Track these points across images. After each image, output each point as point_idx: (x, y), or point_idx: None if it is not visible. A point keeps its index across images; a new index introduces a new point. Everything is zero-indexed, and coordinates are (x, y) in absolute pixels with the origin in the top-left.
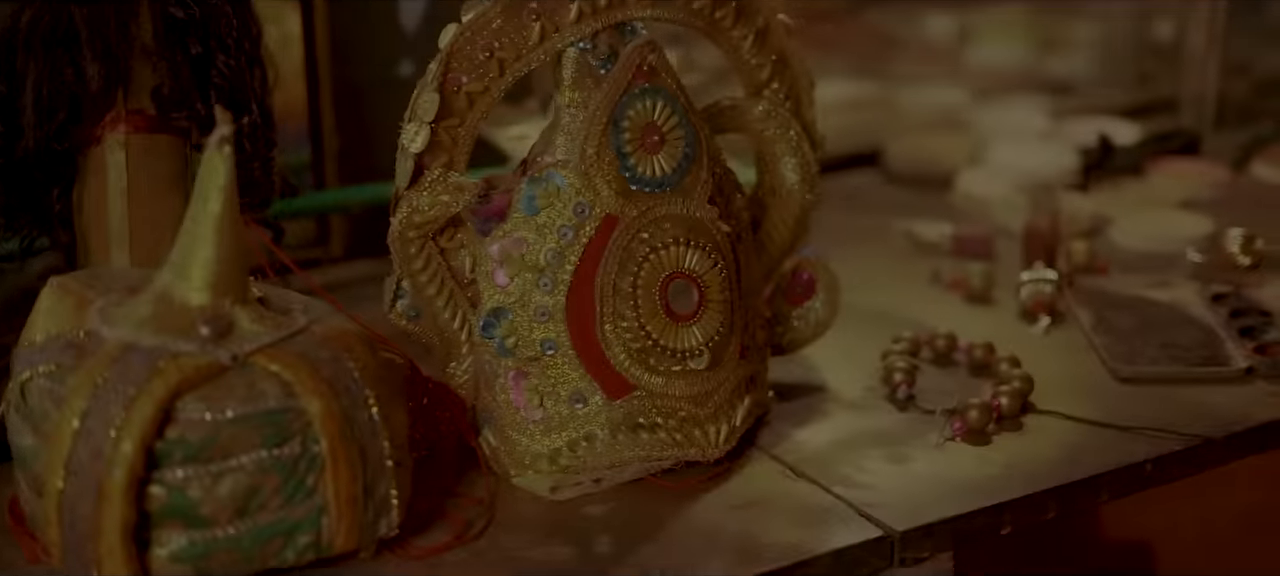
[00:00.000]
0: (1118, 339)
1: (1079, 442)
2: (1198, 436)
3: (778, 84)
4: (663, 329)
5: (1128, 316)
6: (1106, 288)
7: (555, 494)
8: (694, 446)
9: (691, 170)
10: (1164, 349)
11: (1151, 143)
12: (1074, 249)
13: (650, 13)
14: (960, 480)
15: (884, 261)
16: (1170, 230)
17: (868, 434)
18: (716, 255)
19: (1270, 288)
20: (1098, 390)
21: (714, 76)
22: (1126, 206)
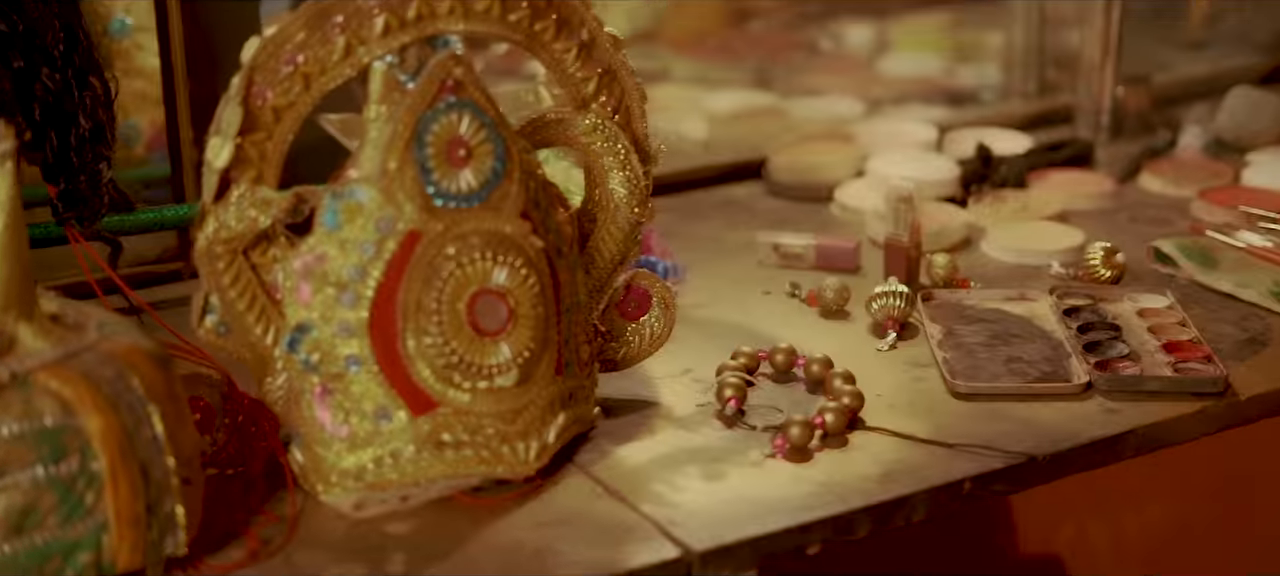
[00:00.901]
0: (963, 354)
1: (901, 460)
2: (1022, 454)
3: (605, 98)
4: (469, 345)
5: (979, 331)
6: (964, 301)
7: (359, 511)
8: (502, 464)
9: (501, 185)
10: (1008, 364)
11: (1039, 153)
12: (935, 262)
13: (463, 26)
14: (772, 498)
15: (747, 274)
16: (1040, 243)
17: (689, 451)
18: (528, 270)
19: (1139, 301)
20: (934, 407)
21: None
22: (1002, 218)
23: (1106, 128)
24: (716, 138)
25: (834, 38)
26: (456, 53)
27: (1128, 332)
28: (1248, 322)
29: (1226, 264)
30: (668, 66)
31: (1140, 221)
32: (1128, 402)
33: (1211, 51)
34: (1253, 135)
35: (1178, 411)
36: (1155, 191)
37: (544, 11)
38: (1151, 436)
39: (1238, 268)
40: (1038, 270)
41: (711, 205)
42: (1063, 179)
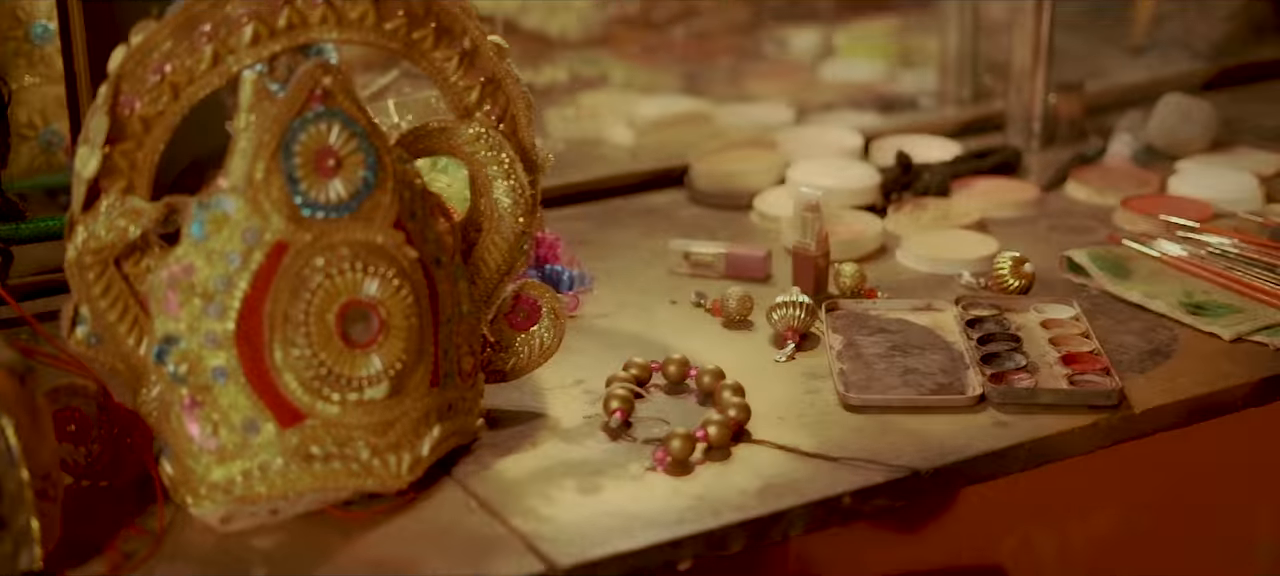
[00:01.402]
0: (860, 366)
1: (783, 474)
2: (906, 469)
3: (490, 106)
4: (338, 357)
5: (880, 342)
6: (870, 312)
7: (227, 525)
8: (372, 477)
9: (372, 195)
10: (905, 376)
11: (964, 161)
12: (842, 272)
13: (336, 35)
14: (646, 513)
15: (656, 283)
16: (953, 252)
17: (570, 464)
18: (401, 281)
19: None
20: (825, 419)
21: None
22: (921, 227)
23: (1038, 135)
24: (643, 144)
25: (779, 43)
26: (328, 61)
27: (1029, 344)
28: (1154, 334)
29: (1140, 274)
30: (607, 71)
31: (1061, 230)
32: (1020, 415)
33: (1151, 57)
34: (1183, 143)
35: (1071, 424)
36: (1080, 200)
37: (422, 20)
38: (1041, 450)
39: (1151, 278)
40: (949, 280)
41: (631, 213)
42: (987, 187)
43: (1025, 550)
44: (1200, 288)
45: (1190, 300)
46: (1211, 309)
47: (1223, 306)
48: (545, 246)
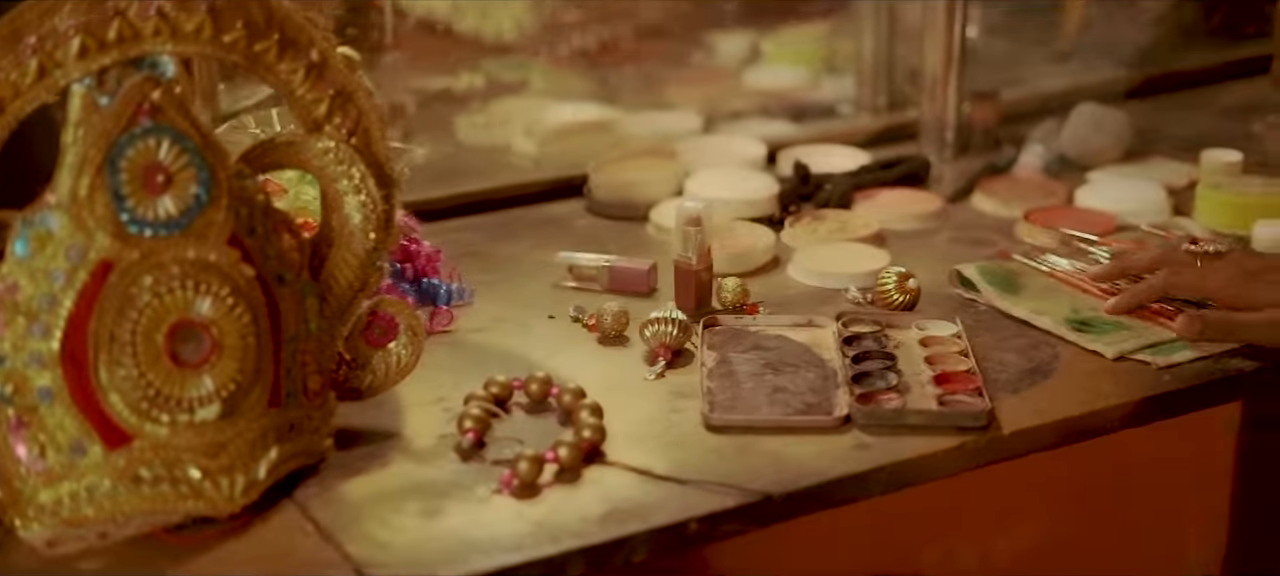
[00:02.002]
0: (729, 385)
1: (632, 498)
2: (758, 493)
3: (340, 120)
4: (166, 377)
5: (754, 359)
6: (749, 328)
7: (53, 548)
8: (203, 500)
9: (205, 212)
10: (773, 395)
11: (869, 171)
12: (724, 286)
13: (171, 47)
14: (484, 538)
15: (539, 297)
16: (842, 266)
17: (417, 485)
18: (236, 299)
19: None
20: (686, 440)
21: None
22: (817, 239)
23: (952, 144)
24: (547, 153)
25: (707, 49)
26: (160, 75)
27: (904, 362)
28: (1036, 351)
29: (1031, 289)
30: (528, 77)
31: (962, 243)
32: (885, 437)
33: (1074, 64)
34: (1095, 153)
35: (936, 447)
36: (986, 212)
37: (264, 31)
38: (903, 473)
39: (1041, 293)
40: (837, 294)
41: (527, 224)
42: (892, 198)
43: (948, 561)
44: (1088, 304)
45: (1077, 317)
46: (1098, 326)
47: (1110, 323)
48: (424, 259)
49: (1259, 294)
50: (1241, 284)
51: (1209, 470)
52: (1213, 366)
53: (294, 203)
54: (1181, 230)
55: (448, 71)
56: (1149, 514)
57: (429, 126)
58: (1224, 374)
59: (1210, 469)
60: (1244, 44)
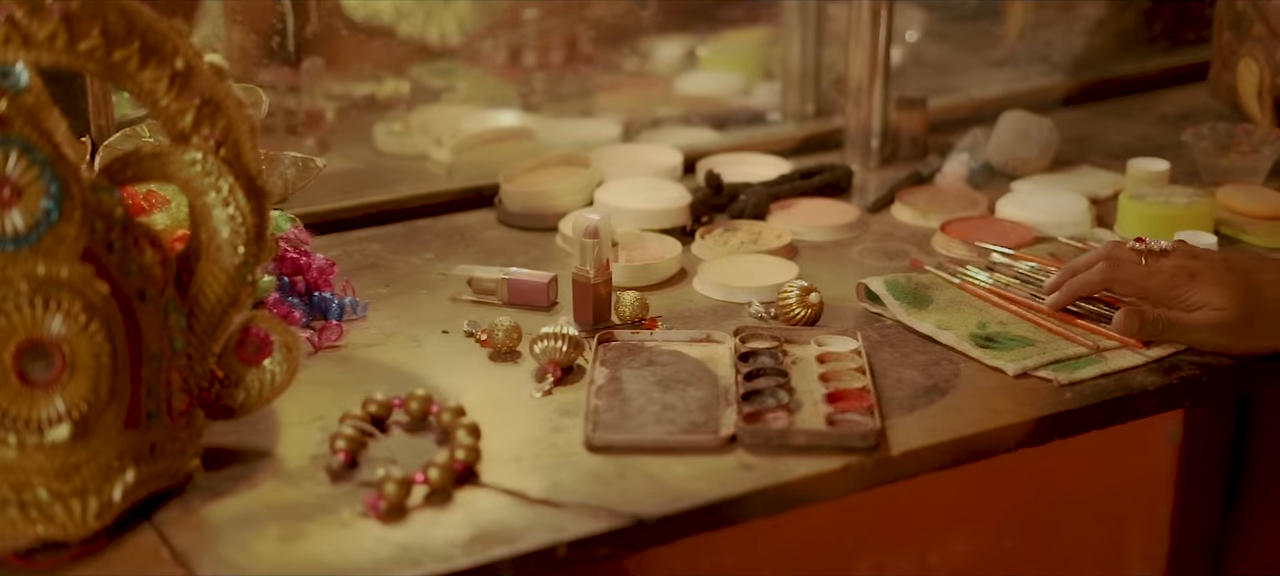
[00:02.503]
0: (617, 403)
1: (501, 521)
2: (630, 517)
3: (207, 131)
4: (14, 398)
5: (646, 376)
6: (645, 343)
7: None
8: (54, 524)
9: (57, 227)
10: (661, 413)
11: (787, 181)
12: (622, 300)
13: (24, 55)
14: (342, 563)
15: (436, 311)
16: (748, 279)
17: (281, 508)
18: (88, 317)
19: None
20: (564, 461)
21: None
22: (728, 251)
23: (877, 153)
24: (461, 162)
25: (644, 55)
26: (12, 86)
27: (799, 379)
28: (937, 368)
29: (939, 303)
30: (458, 82)
31: (875, 255)
32: (770, 458)
33: (1010, 71)
34: (1020, 162)
35: (821, 468)
36: (905, 222)
37: (124, 39)
38: (785, 496)
39: (949, 307)
40: (741, 309)
41: (434, 235)
42: (810, 208)
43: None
44: (997, 318)
45: (982, 332)
46: (1002, 341)
47: (1015, 339)
48: (316, 272)
49: (1196, 295)
50: (1182, 283)
51: (1151, 482)
52: (1116, 384)
53: (177, 215)
54: (1098, 242)
55: (373, 77)
56: (1091, 525)
57: (349, 134)
58: (1127, 392)
59: (1153, 481)
60: (1183, 50)
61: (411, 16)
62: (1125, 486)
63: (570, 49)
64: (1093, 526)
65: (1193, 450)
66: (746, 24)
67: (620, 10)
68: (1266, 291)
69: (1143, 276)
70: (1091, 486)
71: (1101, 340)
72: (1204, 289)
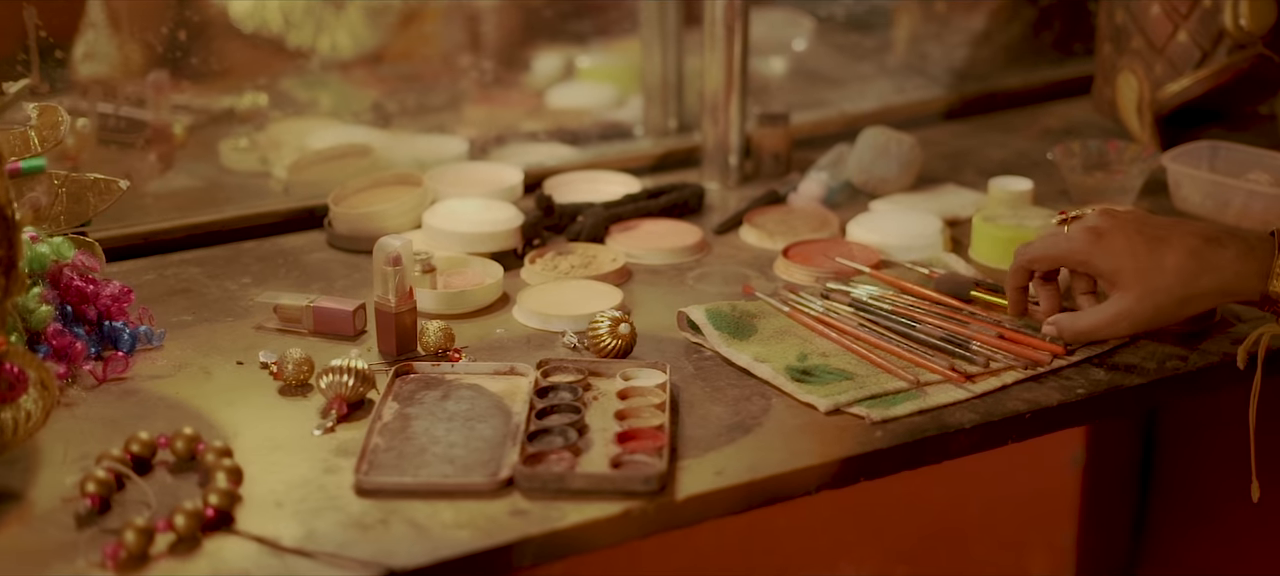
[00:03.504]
0: (398, 442)
1: (248, 573)
2: (381, 568)
3: None
4: None
5: (437, 413)
6: (446, 376)
7: None
8: None
9: None
10: (446, 453)
11: (633, 201)
12: (427, 330)
13: None
14: None
15: (237, 340)
16: (570, 307)
17: (16, 554)
18: None
19: (633, 377)
20: (330, 505)
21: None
22: (558, 276)
23: (736, 171)
24: (301, 180)
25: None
26: None
27: (595, 416)
28: (747, 404)
29: (763, 333)
30: (318, 96)
31: (711, 280)
32: (546, 503)
33: (886, 85)
34: (880, 181)
35: (599, 514)
36: (751, 245)
37: None
38: (556, 544)
39: (772, 337)
40: (557, 338)
41: (258, 257)
42: (653, 230)
43: None
44: (820, 350)
45: (801, 364)
46: (820, 375)
47: (834, 372)
48: (108, 299)
49: (1099, 259)
50: (1088, 246)
51: (1054, 507)
52: (931, 421)
53: None
54: (944, 266)
55: (232, 91)
56: (992, 551)
57: (200, 150)
58: (942, 430)
59: (1055, 505)
60: (1072, 62)
61: (301, 27)
62: (1027, 510)
63: (447, 60)
64: (994, 552)
65: (1097, 472)
66: (619, 36)
67: (510, 19)
68: (1169, 258)
69: (1051, 245)
70: (991, 510)
71: (923, 374)
72: (1107, 252)
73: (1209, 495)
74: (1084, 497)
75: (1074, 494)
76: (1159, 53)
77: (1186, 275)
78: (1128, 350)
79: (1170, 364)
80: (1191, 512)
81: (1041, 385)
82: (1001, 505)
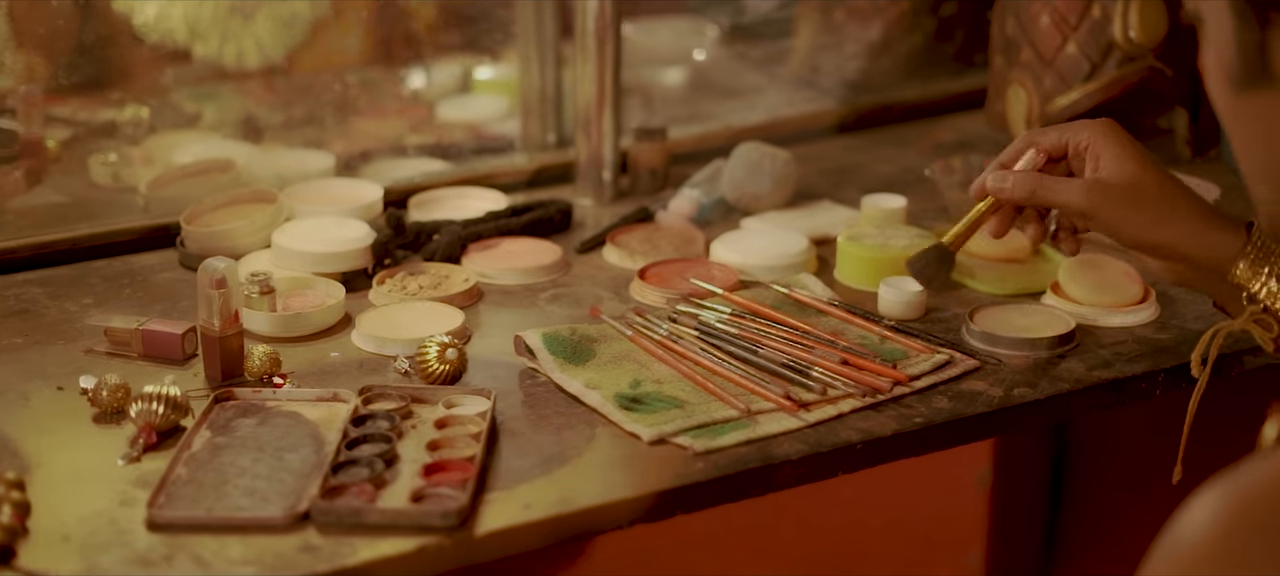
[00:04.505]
0: (201, 472)
1: None
2: None
3: None
4: None
5: (249, 442)
6: (267, 403)
7: None
8: None
9: None
10: (248, 485)
11: (493, 219)
12: (253, 355)
13: None
14: None
15: (65, 364)
16: (407, 330)
17: None
18: None
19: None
20: (118, 541)
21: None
22: (407, 296)
23: (611, 186)
24: (162, 196)
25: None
26: None
27: (408, 446)
28: (571, 432)
29: (601, 358)
30: (204, 109)
31: (564, 301)
32: (340, 538)
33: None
34: (753, 198)
35: (393, 550)
36: (613, 264)
37: None
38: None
39: (609, 363)
40: (390, 363)
41: (105, 277)
42: (514, 249)
43: None
44: (656, 376)
45: (632, 392)
46: (650, 403)
47: (665, 400)
48: None
49: (1083, 136)
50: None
51: (961, 528)
52: (756, 453)
53: None
54: (805, 290)
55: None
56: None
57: (72, 165)
58: (766, 461)
59: (963, 527)
60: (970, 74)
61: (207, 38)
62: (934, 534)
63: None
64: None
65: (1005, 491)
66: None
67: (414, 28)
68: (1161, 182)
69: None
70: (895, 533)
71: (755, 401)
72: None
73: (1121, 506)
74: (992, 517)
75: (982, 514)
76: (1048, 65)
77: (1165, 203)
78: (975, 377)
79: (1017, 391)
80: (1103, 524)
81: (879, 414)
82: (907, 528)
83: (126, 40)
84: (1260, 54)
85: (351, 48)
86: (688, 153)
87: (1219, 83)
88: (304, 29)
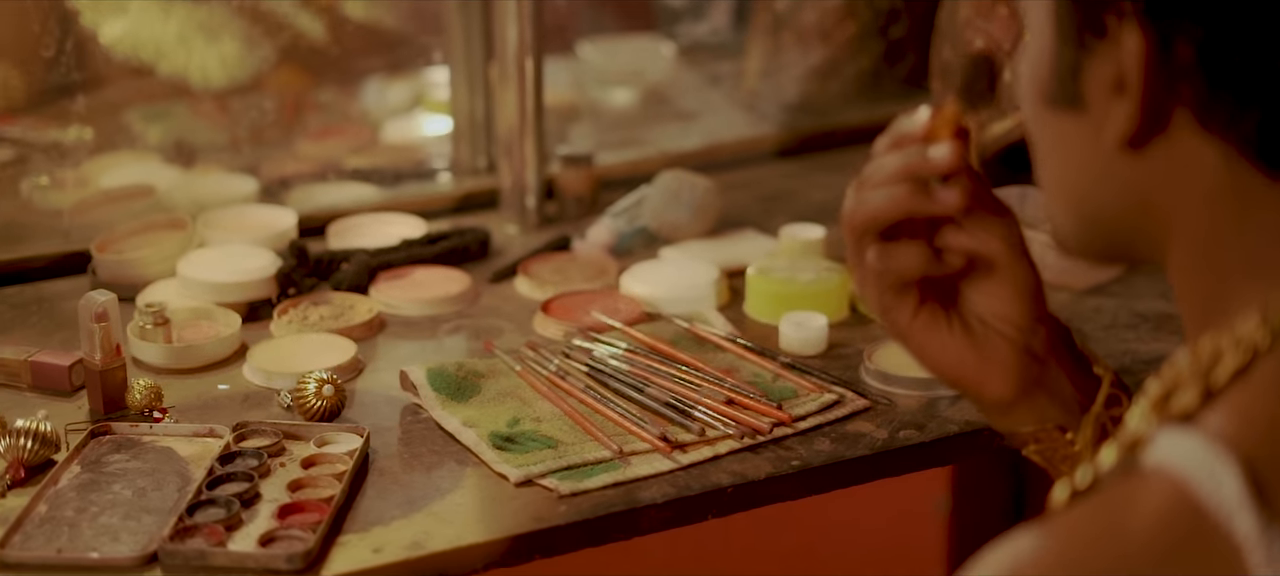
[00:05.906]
0: (59, 510)
1: None
2: None
3: None
4: None
5: (118, 480)
6: (142, 438)
7: None
8: None
9: None
10: (105, 523)
11: (406, 248)
12: (134, 388)
13: None
14: None
15: None
16: (297, 364)
17: None
18: None
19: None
20: None
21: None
22: (306, 328)
23: (535, 213)
24: (84, 222)
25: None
26: None
27: (271, 485)
28: (440, 472)
29: (486, 395)
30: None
31: (465, 333)
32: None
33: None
34: (673, 227)
35: None
36: (523, 295)
37: None
38: None
39: (492, 400)
40: (274, 397)
41: (13, 305)
42: (424, 279)
43: None
44: (535, 414)
45: (509, 431)
46: (523, 442)
47: (539, 439)
48: None
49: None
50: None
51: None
52: (621, 496)
53: None
54: (707, 324)
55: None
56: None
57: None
58: (630, 506)
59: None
60: (918, 97)
61: (172, 55)
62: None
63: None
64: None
65: (964, 517)
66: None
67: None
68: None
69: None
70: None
71: (631, 442)
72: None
73: None
74: (950, 544)
75: (939, 545)
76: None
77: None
78: (863, 418)
79: (903, 433)
80: None
81: (756, 455)
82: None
83: (95, 60)
84: (1073, 76)
85: (312, 66)
86: (621, 178)
87: (1030, 92)
88: (270, 51)
